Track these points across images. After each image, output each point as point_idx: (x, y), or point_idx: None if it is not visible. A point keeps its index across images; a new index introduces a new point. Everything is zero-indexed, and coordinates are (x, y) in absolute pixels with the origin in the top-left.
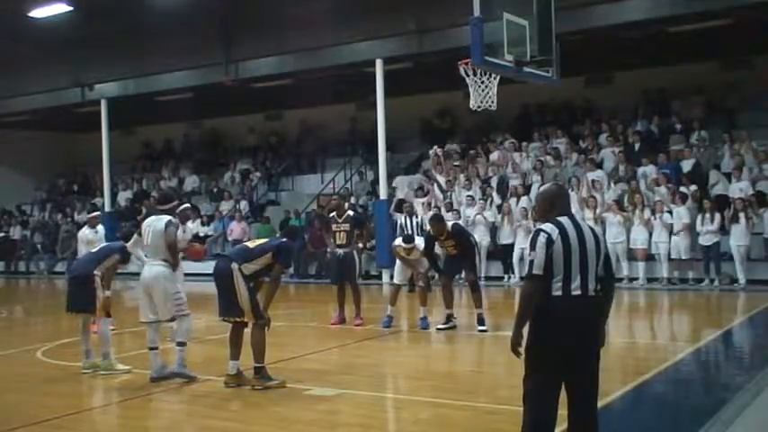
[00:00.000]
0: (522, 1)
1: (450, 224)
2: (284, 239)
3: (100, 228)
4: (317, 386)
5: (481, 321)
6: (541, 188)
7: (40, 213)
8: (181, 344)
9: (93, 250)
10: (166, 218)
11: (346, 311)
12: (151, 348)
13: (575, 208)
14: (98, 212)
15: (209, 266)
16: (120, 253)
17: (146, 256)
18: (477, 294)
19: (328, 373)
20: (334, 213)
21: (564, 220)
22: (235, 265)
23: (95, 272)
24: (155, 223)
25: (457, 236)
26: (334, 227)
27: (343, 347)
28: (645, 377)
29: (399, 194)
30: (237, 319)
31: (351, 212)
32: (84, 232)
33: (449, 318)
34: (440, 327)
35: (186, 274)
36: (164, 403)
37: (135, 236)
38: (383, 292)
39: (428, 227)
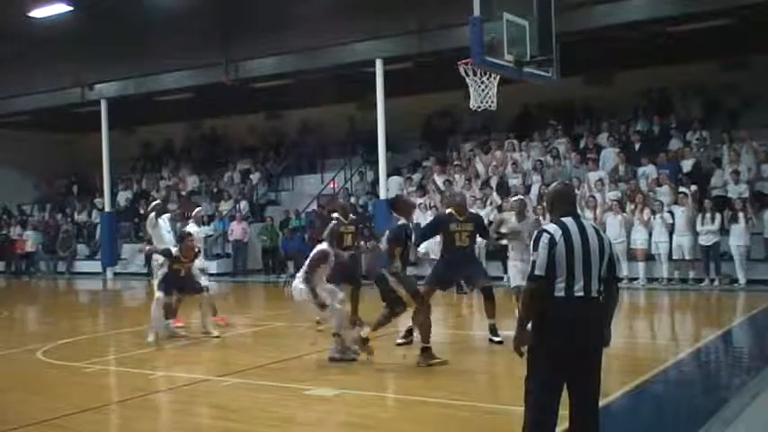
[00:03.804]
0: (522, 1)
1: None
2: (396, 226)
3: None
4: (317, 386)
5: (495, 331)
6: (549, 186)
7: (40, 213)
8: (336, 335)
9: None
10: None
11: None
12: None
13: None
14: (201, 208)
15: (207, 267)
16: None
17: None
18: (493, 303)
19: (328, 373)
20: (338, 216)
21: (568, 220)
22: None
23: None
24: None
25: (476, 220)
26: (342, 229)
27: None
28: (645, 377)
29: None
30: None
31: (352, 215)
32: (194, 229)
33: (410, 332)
34: (400, 341)
35: None
36: (164, 403)
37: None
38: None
39: (444, 208)
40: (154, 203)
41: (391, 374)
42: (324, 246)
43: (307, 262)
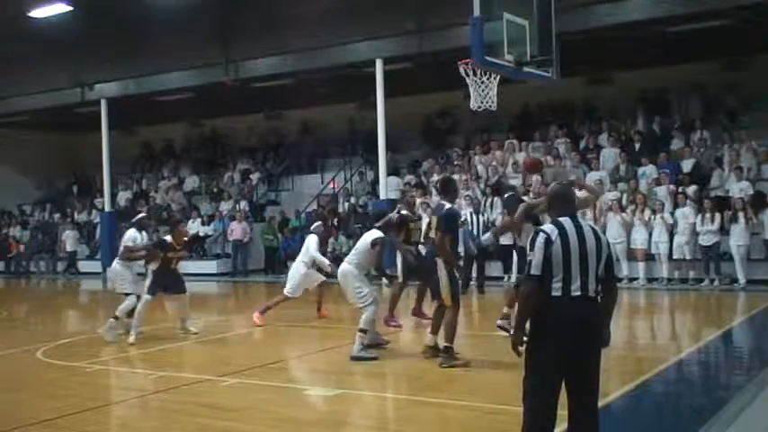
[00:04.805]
0: (522, 1)
1: None
2: (446, 210)
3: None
4: (317, 386)
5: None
6: (548, 187)
7: (40, 213)
8: (362, 330)
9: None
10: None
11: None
12: (359, 330)
13: None
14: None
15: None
16: None
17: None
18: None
19: (328, 373)
20: (405, 212)
21: (565, 220)
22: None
23: None
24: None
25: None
26: (411, 225)
27: (343, 347)
28: (645, 377)
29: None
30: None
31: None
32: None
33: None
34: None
35: (187, 274)
36: (164, 403)
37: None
38: (383, 291)
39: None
40: (138, 216)
41: (391, 374)
42: (380, 233)
43: (360, 247)
